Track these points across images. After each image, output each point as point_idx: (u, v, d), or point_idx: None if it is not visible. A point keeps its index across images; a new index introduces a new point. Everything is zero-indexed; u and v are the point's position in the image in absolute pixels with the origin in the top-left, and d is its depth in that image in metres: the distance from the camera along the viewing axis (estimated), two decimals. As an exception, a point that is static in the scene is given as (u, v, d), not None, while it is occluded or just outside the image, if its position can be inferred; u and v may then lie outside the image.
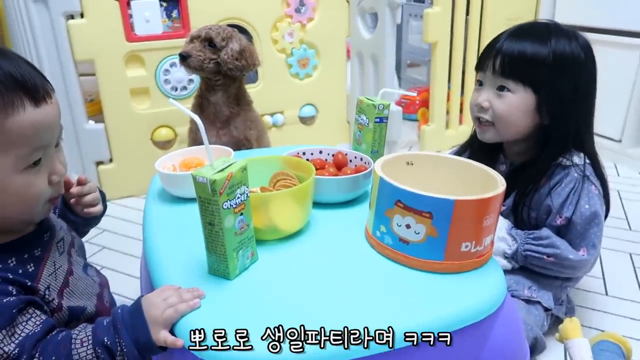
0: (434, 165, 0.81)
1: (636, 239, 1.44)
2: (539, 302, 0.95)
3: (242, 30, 1.83)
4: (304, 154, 0.97)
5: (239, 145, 1.39)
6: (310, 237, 0.77)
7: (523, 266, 0.95)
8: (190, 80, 1.74)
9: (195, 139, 1.42)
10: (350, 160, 0.96)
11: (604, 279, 1.26)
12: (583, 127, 0.97)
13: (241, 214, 0.65)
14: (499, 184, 0.69)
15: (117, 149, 1.72)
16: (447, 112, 2.19)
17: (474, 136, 1.08)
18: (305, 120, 2.02)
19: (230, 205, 0.63)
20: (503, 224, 0.93)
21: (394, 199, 0.68)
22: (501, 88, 0.94)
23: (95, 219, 0.81)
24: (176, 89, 1.74)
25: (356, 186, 0.86)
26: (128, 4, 1.59)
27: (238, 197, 0.64)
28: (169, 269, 0.70)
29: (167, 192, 0.94)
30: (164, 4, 1.65)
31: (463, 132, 2.28)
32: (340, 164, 0.95)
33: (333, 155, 0.97)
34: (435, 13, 1.95)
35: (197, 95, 1.43)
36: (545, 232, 0.92)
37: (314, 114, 2.03)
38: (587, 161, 0.95)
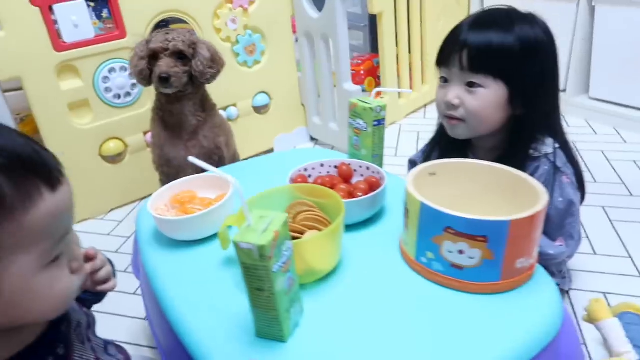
0: (458, 172, 0.77)
1: (601, 190, 1.51)
2: None
3: (181, 22, 1.68)
4: (305, 170, 0.90)
5: (210, 155, 1.28)
6: (346, 271, 0.72)
7: None
8: (134, 85, 1.59)
9: (161, 155, 1.29)
10: (355, 170, 0.91)
11: (588, 238, 1.31)
12: (552, 111, 0.94)
13: (288, 270, 0.59)
14: (540, 192, 0.67)
15: (63, 171, 1.55)
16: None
17: (440, 134, 1.04)
18: (259, 110, 1.92)
19: (279, 266, 0.56)
20: None
21: (442, 226, 0.64)
22: (471, 84, 0.89)
23: (105, 294, 0.71)
24: (119, 97, 1.57)
25: (376, 203, 0.81)
26: (50, 8, 1.40)
27: (284, 255, 0.57)
28: (209, 339, 0.63)
29: (161, 234, 0.85)
30: (92, 4, 1.46)
31: (414, 99, 2.28)
32: (346, 177, 0.89)
33: (336, 167, 0.91)
34: (378, -18, 1.89)
35: (155, 108, 1.30)
36: None
37: (268, 102, 1.93)
38: (557, 146, 0.92)
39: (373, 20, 2.71)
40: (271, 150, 2.00)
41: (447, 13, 2.27)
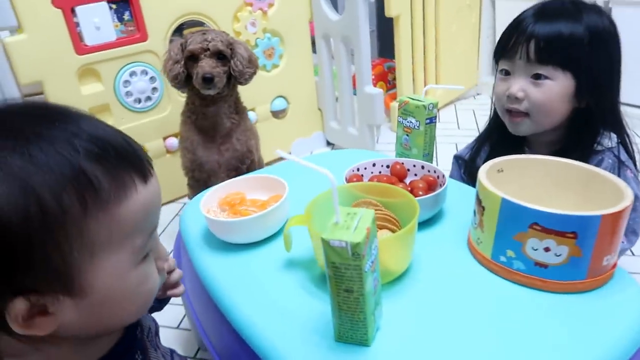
0: (525, 168, 0.75)
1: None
2: None
3: (202, 24, 1.66)
4: (357, 170, 0.87)
5: (242, 159, 1.25)
6: (418, 272, 0.69)
7: None
8: (154, 89, 1.56)
9: (193, 160, 1.25)
10: (409, 170, 0.88)
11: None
12: (617, 104, 0.92)
13: (375, 270, 0.56)
14: (621, 186, 0.65)
15: (83, 177, 1.51)
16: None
17: (491, 129, 1.02)
18: (277, 114, 1.90)
19: (369, 265, 0.53)
20: None
21: (527, 222, 0.61)
22: (537, 76, 0.87)
23: (168, 300, 0.68)
24: (140, 101, 1.54)
25: (438, 202, 0.79)
26: (72, 10, 1.36)
27: (372, 254, 0.54)
28: (285, 346, 0.59)
29: (211, 236, 0.81)
30: (114, 7, 1.44)
31: (429, 103, 2.26)
32: (400, 176, 0.87)
33: (388, 166, 0.88)
34: (396, -15, 1.88)
35: (186, 112, 1.27)
36: None
37: (286, 106, 1.90)
38: (619, 140, 0.90)
39: (381, 25, 2.70)
40: (289, 155, 1.97)
41: (460, 17, 2.27)
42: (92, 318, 0.44)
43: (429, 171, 0.86)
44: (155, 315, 0.69)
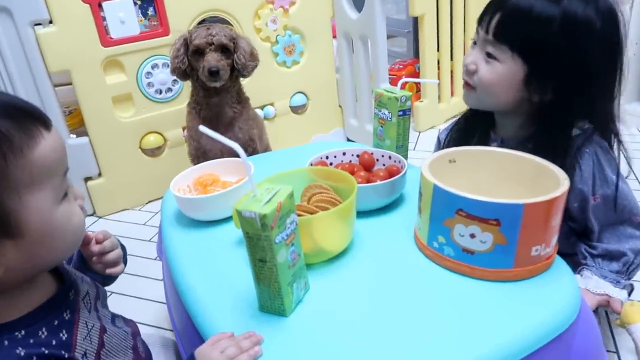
0: (477, 160, 0.75)
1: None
2: None
3: (223, 21, 1.73)
4: (327, 158, 0.90)
5: (244, 147, 1.30)
6: (358, 254, 0.71)
7: (570, 259, 0.80)
8: (175, 81, 1.64)
9: (197, 148, 1.33)
10: (377, 160, 0.90)
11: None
12: (599, 103, 0.83)
13: (292, 244, 0.59)
14: (561, 178, 0.64)
15: (105, 161, 1.62)
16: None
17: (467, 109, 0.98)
18: (296, 110, 1.94)
19: (282, 238, 0.56)
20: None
21: (454, 208, 0.62)
22: (488, 54, 0.83)
23: (112, 278, 0.73)
24: (161, 92, 1.63)
25: (394, 190, 0.80)
26: (99, 5, 1.47)
27: (288, 227, 0.57)
28: (214, 311, 0.63)
29: (184, 215, 0.87)
30: (138, 2, 1.53)
31: (455, 104, 2.23)
32: (367, 165, 0.89)
33: (358, 155, 0.90)
34: (420, -15, 1.88)
35: (191, 102, 1.34)
36: (621, 247, 0.83)
37: (305, 102, 1.94)
38: (588, 127, 0.84)
39: (416, 26, 2.70)
40: (307, 151, 2.01)
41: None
42: (32, 257, 0.51)
43: (395, 161, 0.87)
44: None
